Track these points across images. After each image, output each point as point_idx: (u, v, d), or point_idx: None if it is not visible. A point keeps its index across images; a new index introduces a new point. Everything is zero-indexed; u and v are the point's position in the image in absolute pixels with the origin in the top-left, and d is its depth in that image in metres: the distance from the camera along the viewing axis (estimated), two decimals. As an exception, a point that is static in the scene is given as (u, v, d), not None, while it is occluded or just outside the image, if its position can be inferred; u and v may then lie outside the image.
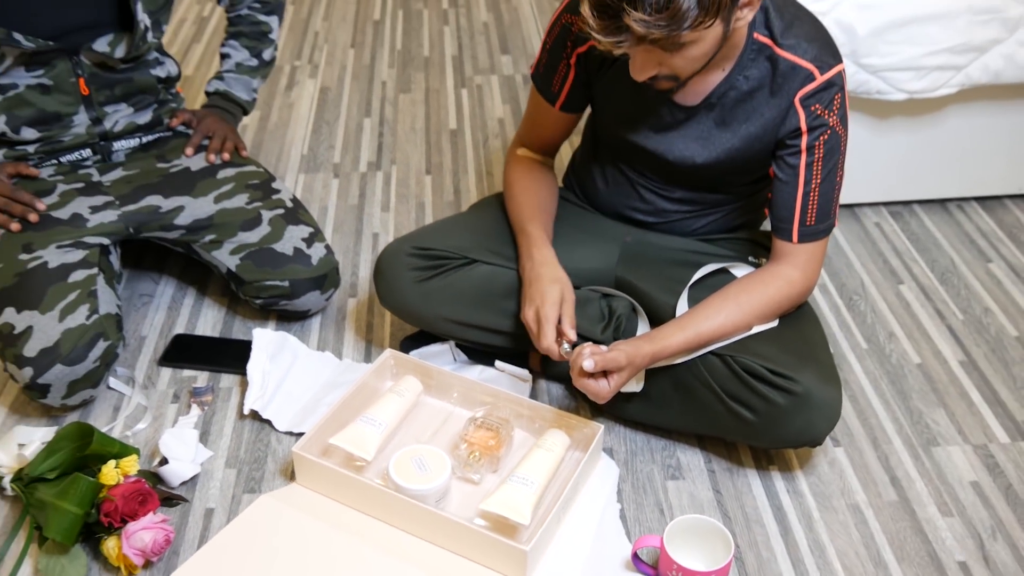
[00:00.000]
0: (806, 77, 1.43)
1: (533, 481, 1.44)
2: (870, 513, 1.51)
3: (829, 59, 1.43)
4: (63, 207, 1.71)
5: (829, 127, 1.44)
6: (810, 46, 1.43)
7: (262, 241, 1.75)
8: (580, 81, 1.59)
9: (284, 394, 1.68)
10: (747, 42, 1.43)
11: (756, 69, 1.45)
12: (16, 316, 1.57)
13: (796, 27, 1.43)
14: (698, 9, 1.23)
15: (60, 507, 1.38)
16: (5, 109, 1.68)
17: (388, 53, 2.90)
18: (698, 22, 1.24)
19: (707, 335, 1.46)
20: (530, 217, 1.62)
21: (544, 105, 1.65)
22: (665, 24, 1.23)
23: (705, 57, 1.33)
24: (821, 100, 1.43)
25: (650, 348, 1.45)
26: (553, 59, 1.59)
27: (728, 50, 1.42)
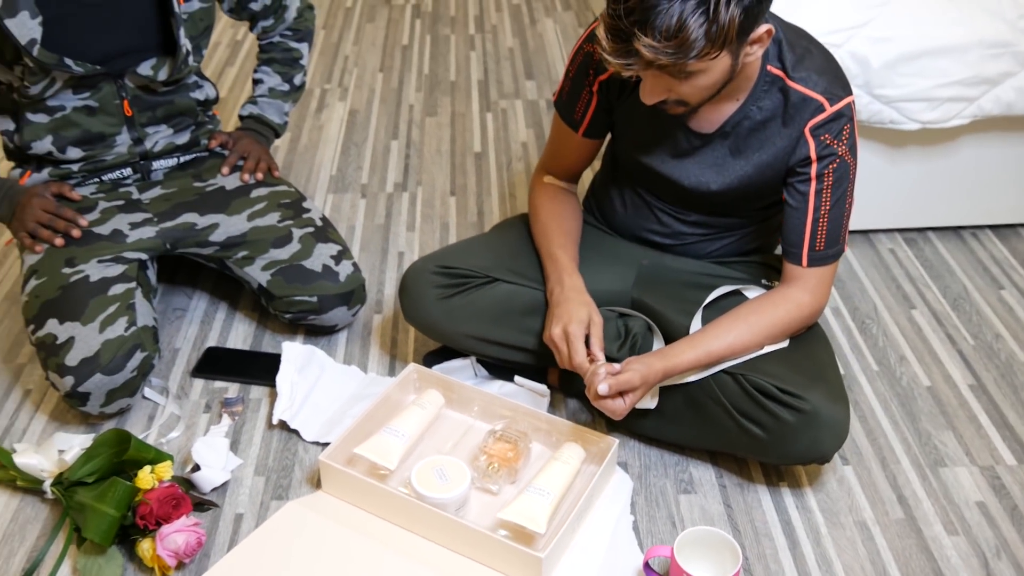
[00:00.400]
0: (816, 108, 1.49)
1: (549, 492, 1.49)
2: (877, 530, 1.55)
3: (839, 91, 1.49)
4: (104, 223, 1.79)
5: (838, 156, 1.50)
6: (820, 78, 1.48)
7: (292, 258, 1.82)
8: (602, 107, 1.65)
9: (311, 405, 1.74)
10: (760, 74, 1.49)
11: (769, 100, 1.51)
12: (59, 327, 1.64)
13: (807, 60, 1.49)
14: (705, 40, 1.29)
15: (98, 509, 1.45)
16: (52, 130, 1.76)
17: (416, 77, 2.98)
18: (704, 53, 1.30)
19: (718, 353, 1.52)
20: (560, 244, 1.68)
21: (567, 131, 1.71)
22: (672, 51, 1.29)
23: (714, 87, 1.39)
24: (831, 130, 1.49)
25: (662, 365, 1.50)
26: (576, 86, 1.65)
27: (742, 82, 1.49)
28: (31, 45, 1.61)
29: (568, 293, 1.59)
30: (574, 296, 1.58)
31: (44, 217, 1.75)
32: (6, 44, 1.63)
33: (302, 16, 2.04)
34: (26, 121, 1.75)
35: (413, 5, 3.53)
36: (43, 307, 1.67)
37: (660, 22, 1.26)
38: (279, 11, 1.99)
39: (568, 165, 1.76)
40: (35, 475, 1.55)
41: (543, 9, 3.50)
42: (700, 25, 1.27)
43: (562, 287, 1.61)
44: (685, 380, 1.57)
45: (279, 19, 2.00)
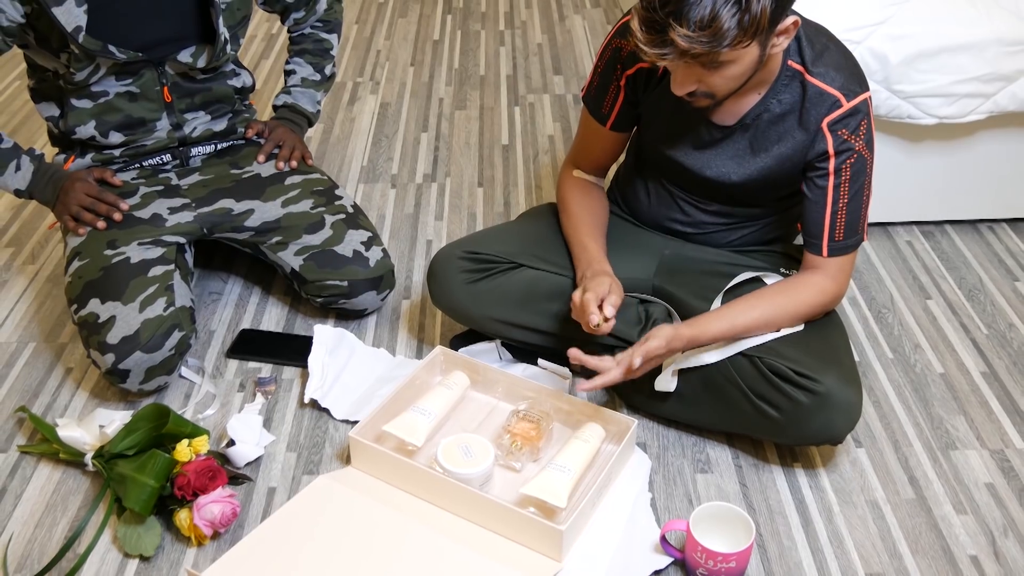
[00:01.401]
0: (833, 104, 1.53)
1: (570, 469, 1.55)
2: (888, 509, 1.60)
3: (856, 87, 1.53)
4: (144, 208, 1.86)
5: (855, 151, 1.55)
6: (838, 74, 1.53)
7: (324, 243, 1.89)
8: (628, 101, 1.70)
9: (341, 386, 1.81)
10: (781, 68, 1.54)
11: (788, 94, 1.56)
12: (101, 306, 1.71)
13: (826, 56, 1.54)
14: (738, 29, 1.34)
15: (138, 480, 1.52)
16: (96, 115, 1.84)
17: (446, 72, 3.05)
18: (737, 41, 1.35)
19: (742, 327, 1.57)
20: (589, 234, 1.73)
21: (595, 125, 1.76)
22: (707, 41, 1.34)
23: (742, 77, 1.44)
24: (848, 126, 1.54)
25: (689, 332, 1.56)
26: (604, 81, 1.70)
27: (764, 75, 1.54)
28: (77, 32, 1.68)
29: (598, 274, 1.64)
30: (601, 274, 1.64)
31: (87, 201, 1.83)
32: (52, 31, 1.70)
33: (332, 8, 2.11)
34: (70, 107, 1.83)
35: (444, 1, 3.59)
36: (86, 287, 1.74)
37: (694, 13, 1.31)
38: (311, 3, 2.05)
39: (596, 158, 1.81)
40: (77, 448, 1.62)
41: (572, 5, 3.56)
42: (732, 15, 1.32)
43: (592, 269, 1.66)
44: (704, 361, 1.62)
45: (310, 11, 2.07)
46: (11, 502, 1.59)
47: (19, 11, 1.66)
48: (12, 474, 1.64)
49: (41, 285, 2.09)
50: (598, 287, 1.59)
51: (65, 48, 1.72)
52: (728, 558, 1.41)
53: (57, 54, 1.74)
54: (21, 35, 1.72)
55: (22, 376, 1.84)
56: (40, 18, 1.68)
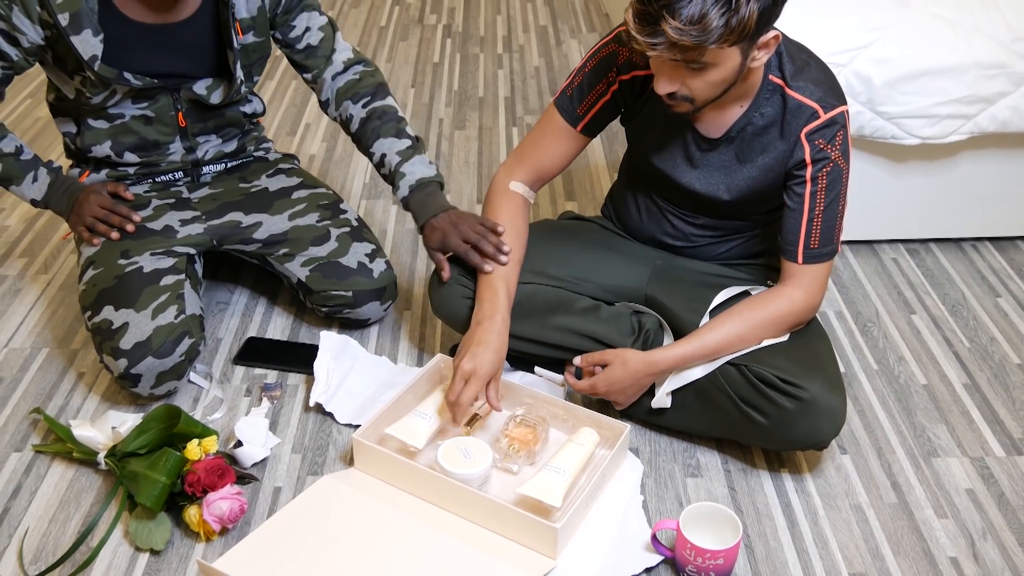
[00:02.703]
0: (811, 115, 1.61)
1: (565, 470, 1.61)
2: (871, 513, 1.66)
3: (833, 100, 1.61)
4: (156, 219, 1.93)
5: (832, 160, 1.62)
6: (816, 88, 1.61)
7: (330, 255, 1.96)
8: (610, 106, 1.76)
9: (345, 391, 1.87)
10: (763, 82, 1.62)
11: (770, 107, 1.64)
12: (114, 313, 1.78)
13: (806, 72, 1.62)
14: (724, 28, 1.41)
15: (150, 477, 1.58)
16: (111, 136, 1.91)
17: (446, 93, 3.13)
18: (723, 39, 1.42)
19: (712, 344, 1.64)
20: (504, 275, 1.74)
21: (560, 126, 1.78)
22: (695, 35, 1.41)
23: (722, 84, 1.52)
24: (824, 136, 1.61)
25: (651, 357, 1.68)
26: (589, 83, 1.75)
27: (746, 88, 1.61)
28: (92, 60, 1.75)
29: (490, 337, 1.68)
30: (495, 341, 1.68)
31: (101, 212, 1.90)
32: (69, 55, 1.77)
33: (362, 74, 1.99)
34: (87, 126, 1.90)
35: (444, 25, 3.68)
36: (100, 295, 1.81)
37: (687, 10, 1.39)
38: (329, 56, 1.97)
39: (543, 163, 1.81)
40: (91, 447, 1.68)
41: (568, 31, 3.65)
42: (721, 15, 1.40)
43: (492, 322, 1.70)
44: (693, 377, 1.69)
45: (327, 65, 1.97)
46: (26, 498, 1.65)
47: (39, 34, 1.73)
48: (27, 472, 1.70)
49: (54, 293, 2.15)
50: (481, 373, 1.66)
51: (79, 72, 1.79)
52: (716, 555, 1.47)
53: (71, 76, 1.81)
54: (39, 53, 1.79)
55: (36, 380, 1.90)
56: (58, 42, 1.75)
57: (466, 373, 1.66)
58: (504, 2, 3.94)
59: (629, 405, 1.78)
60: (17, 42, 1.73)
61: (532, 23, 3.72)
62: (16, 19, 1.70)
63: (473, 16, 3.78)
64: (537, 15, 3.80)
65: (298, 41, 1.95)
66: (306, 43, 1.95)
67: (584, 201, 2.54)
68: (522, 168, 1.82)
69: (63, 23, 1.70)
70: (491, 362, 1.67)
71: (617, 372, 1.70)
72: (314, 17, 1.95)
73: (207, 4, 1.83)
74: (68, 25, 1.71)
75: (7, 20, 1.70)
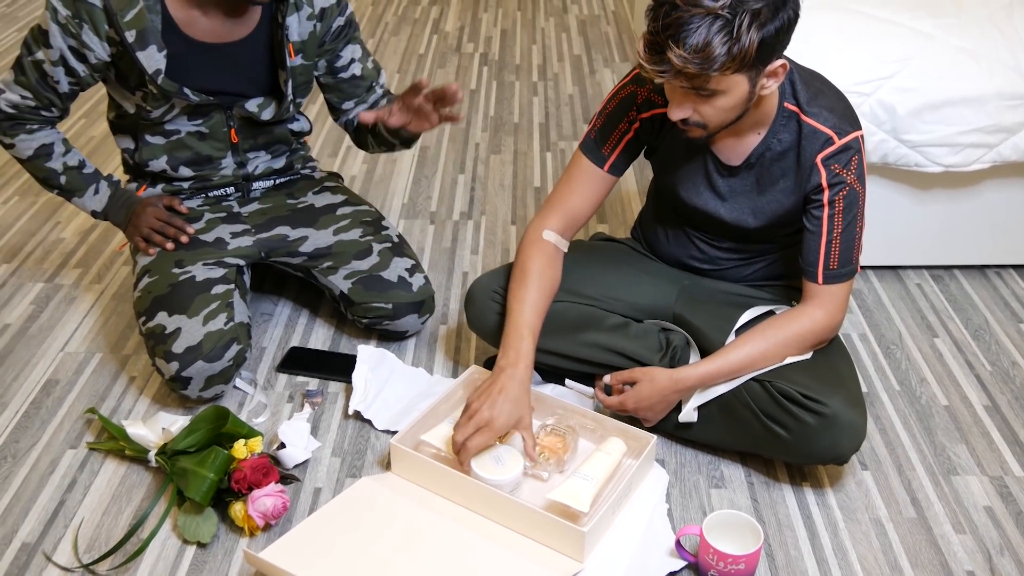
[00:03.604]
0: (826, 141, 1.68)
1: (593, 477, 1.68)
2: (890, 527, 1.71)
3: (847, 127, 1.68)
4: (208, 232, 2.03)
5: (847, 184, 1.69)
6: (830, 115, 1.68)
7: (371, 269, 2.05)
8: (633, 143, 1.84)
9: (382, 400, 1.95)
10: (779, 110, 1.70)
11: (787, 133, 1.71)
12: (168, 319, 1.87)
13: (820, 99, 1.69)
14: (727, 57, 1.49)
15: (199, 473, 1.66)
16: (167, 151, 2.01)
17: (482, 119, 3.23)
18: (725, 67, 1.49)
19: (736, 362, 1.71)
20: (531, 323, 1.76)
21: (588, 168, 1.85)
22: (699, 63, 1.49)
23: (733, 111, 1.59)
24: (840, 161, 1.68)
25: (677, 375, 1.74)
26: (612, 122, 1.83)
27: (761, 116, 1.69)
28: (156, 74, 1.86)
29: (512, 385, 1.68)
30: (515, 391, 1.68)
31: (157, 224, 2.00)
32: (132, 71, 1.88)
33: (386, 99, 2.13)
34: (144, 142, 2.00)
35: (481, 54, 3.79)
36: (154, 301, 1.90)
37: (691, 39, 1.47)
38: (369, 90, 2.09)
39: (576, 208, 1.85)
40: (143, 445, 1.77)
41: (602, 60, 3.74)
42: (724, 43, 1.47)
43: (515, 371, 1.70)
44: (718, 392, 1.75)
45: (367, 97, 2.09)
46: (81, 492, 1.74)
47: (106, 51, 1.84)
48: (82, 468, 1.79)
49: (107, 302, 2.25)
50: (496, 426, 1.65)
51: (141, 87, 1.90)
52: (738, 560, 1.53)
53: (133, 92, 1.92)
54: (104, 70, 1.90)
55: (90, 382, 2.00)
56: (123, 58, 1.86)
57: (482, 421, 1.65)
58: (539, 32, 4.05)
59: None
60: (85, 59, 1.84)
61: (567, 52, 3.82)
62: (86, 36, 1.81)
63: (509, 45, 3.89)
64: (571, 45, 3.90)
65: (343, 70, 2.05)
66: (351, 73, 2.06)
67: (615, 223, 2.62)
68: (553, 216, 1.85)
69: (130, 39, 1.80)
70: (508, 413, 1.66)
71: (645, 390, 1.77)
72: (358, 50, 2.06)
73: (262, 26, 1.93)
74: (135, 41, 1.81)
75: (77, 38, 1.81)
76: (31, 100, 1.90)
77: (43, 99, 1.90)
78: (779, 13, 1.50)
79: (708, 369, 1.73)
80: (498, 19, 4.20)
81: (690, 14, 1.47)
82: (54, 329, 2.16)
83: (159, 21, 1.83)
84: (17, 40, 3.88)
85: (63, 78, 1.87)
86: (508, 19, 4.20)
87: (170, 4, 1.84)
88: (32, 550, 1.63)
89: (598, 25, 4.14)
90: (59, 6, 1.79)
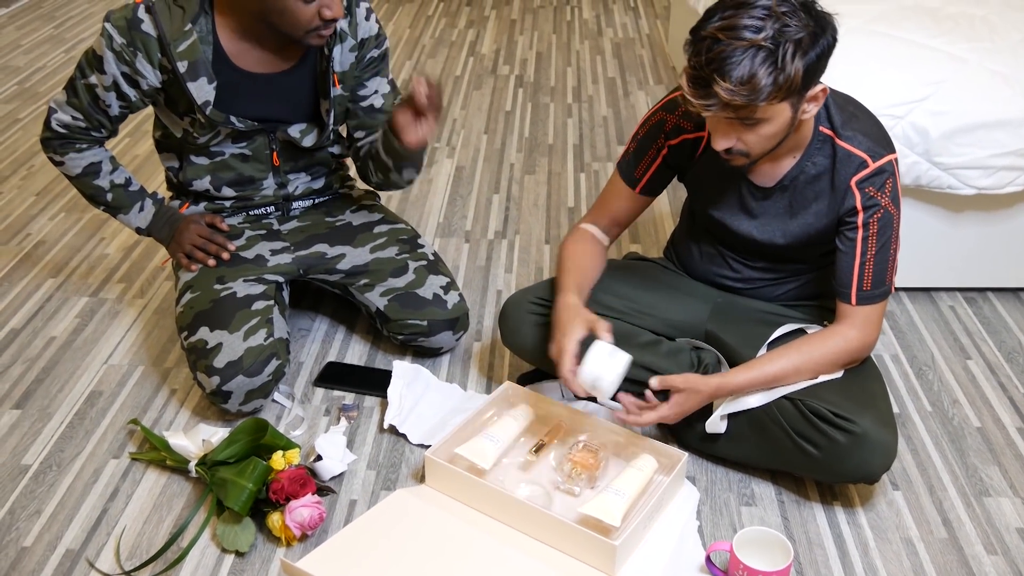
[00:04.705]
0: (860, 164, 1.70)
1: (625, 492, 1.70)
2: (921, 547, 1.71)
3: (881, 150, 1.70)
4: (249, 249, 2.08)
5: (882, 207, 1.71)
6: (865, 139, 1.70)
7: (407, 286, 2.09)
8: (663, 168, 1.89)
9: (417, 415, 1.98)
10: (814, 134, 1.72)
11: (821, 157, 1.73)
12: (209, 334, 1.92)
13: (854, 122, 1.71)
14: (773, 86, 1.52)
15: (238, 483, 1.70)
16: (211, 171, 2.07)
17: (517, 139, 3.27)
18: (772, 96, 1.53)
19: (771, 374, 1.72)
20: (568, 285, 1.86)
21: (622, 188, 1.93)
22: (746, 95, 1.52)
23: (775, 137, 1.62)
24: (874, 184, 1.70)
25: (716, 381, 1.73)
26: (642, 148, 1.89)
27: (798, 140, 1.71)
28: (205, 106, 1.91)
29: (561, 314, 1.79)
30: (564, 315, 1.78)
31: (200, 241, 2.05)
32: (181, 98, 1.94)
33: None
34: (189, 162, 2.06)
35: (516, 76, 3.84)
36: (196, 317, 1.95)
37: (735, 72, 1.50)
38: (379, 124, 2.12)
39: (613, 216, 1.97)
40: (184, 456, 1.81)
41: (636, 83, 3.78)
42: (768, 74, 1.50)
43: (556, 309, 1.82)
44: (749, 405, 1.77)
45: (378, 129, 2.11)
46: (123, 501, 1.78)
47: (158, 78, 1.90)
48: (124, 477, 1.83)
49: (149, 316, 2.31)
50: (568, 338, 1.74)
51: (189, 113, 1.95)
52: (768, 576, 1.54)
53: (181, 117, 1.97)
54: (154, 96, 1.95)
55: (132, 394, 2.05)
56: (172, 86, 1.92)
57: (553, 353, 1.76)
58: (574, 54, 4.09)
59: (683, 431, 1.87)
60: (137, 84, 1.90)
61: (601, 75, 3.86)
62: (139, 64, 1.87)
63: (544, 67, 3.93)
64: (606, 67, 3.94)
65: (363, 99, 2.08)
66: (370, 103, 2.09)
67: (648, 243, 2.65)
68: (591, 220, 1.99)
69: (181, 70, 1.86)
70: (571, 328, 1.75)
71: (690, 400, 1.75)
72: (384, 85, 2.10)
73: (308, 57, 1.98)
74: (186, 72, 1.87)
75: (130, 65, 1.87)
76: (82, 121, 1.96)
77: (93, 120, 1.96)
78: (819, 40, 1.54)
79: (746, 378, 1.74)
80: (533, 42, 4.25)
81: (732, 47, 1.50)
82: (98, 342, 2.22)
83: (210, 52, 1.88)
84: (64, 61, 3.98)
85: (114, 102, 1.93)
86: (543, 42, 4.25)
87: (222, 36, 1.90)
88: (76, 557, 1.67)
89: (632, 48, 4.18)
90: (114, 34, 1.85)
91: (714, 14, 1.54)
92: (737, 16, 1.51)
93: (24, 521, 1.74)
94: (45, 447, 1.90)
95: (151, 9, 1.84)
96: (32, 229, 2.70)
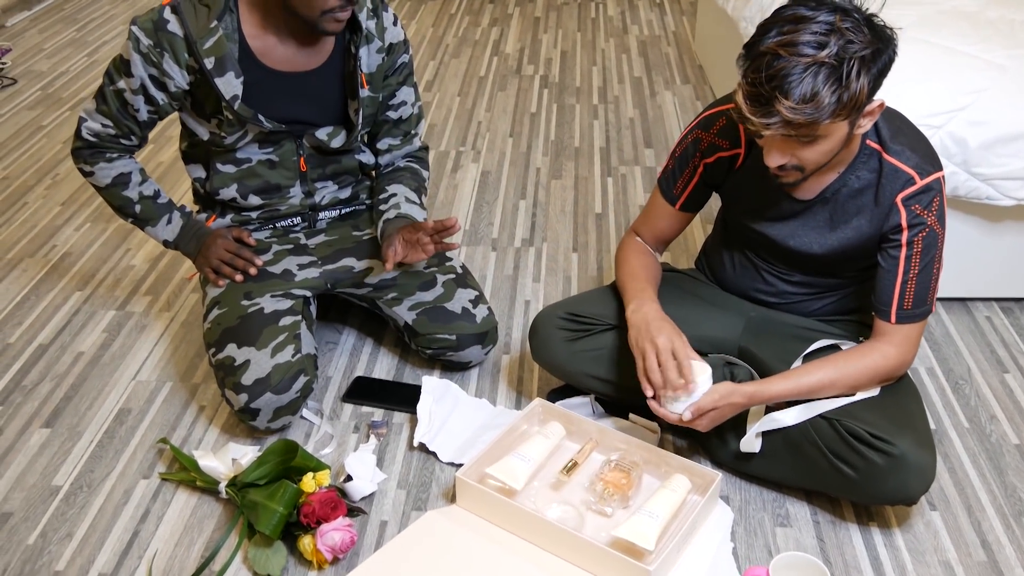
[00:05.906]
0: (907, 181, 1.67)
1: (658, 515, 1.68)
2: (960, 570, 1.68)
3: (928, 167, 1.67)
4: (276, 264, 2.07)
5: (928, 225, 1.67)
6: (913, 154, 1.67)
7: (436, 300, 2.07)
8: (700, 186, 1.87)
9: (447, 431, 1.96)
10: (860, 147, 1.68)
11: (866, 171, 1.70)
12: (237, 351, 1.91)
13: (901, 137, 1.68)
14: (837, 104, 1.48)
15: (269, 507, 1.69)
16: (238, 179, 2.05)
17: (543, 143, 3.24)
18: (836, 114, 1.49)
19: (806, 387, 1.70)
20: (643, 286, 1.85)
21: (663, 204, 1.93)
22: (810, 112, 1.48)
23: (831, 153, 1.58)
24: (921, 201, 1.67)
25: (750, 389, 1.71)
26: (679, 166, 1.87)
27: (845, 154, 1.68)
28: (233, 100, 1.90)
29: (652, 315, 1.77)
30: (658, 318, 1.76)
31: (227, 256, 2.04)
32: (209, 98, 1.92)
33: (424, 149, 2.22)
34: (216, 170, 2.05)
35: (541, 76, 3.81)
36: (224, 333, 1.94)
37: (797, 90, 1.47)
38: (408, 136, 2.16)
39: (658, 232, 1.97)
40: (214, 477, 1.80)
41: (663, 82, 3.74)
42: (832, 92, 1.47)
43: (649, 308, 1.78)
44: (784, 423, 1.74)
45: (405, 142, 2.16)
46: (154, 523, 1.77)
47: (186, 79, 1.89)
48: (155, 498, 1.83)
49: (176, 330, 2.30)
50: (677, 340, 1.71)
51: (217, 114, 1.94)
52: (805, 604, 1.52)
53: (208, 119, 1.96)
54: (182, 99, 1.94)
55: (161, 411, 2.04)
56: (200, 87, 1.91)
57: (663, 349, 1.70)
58: (600, 54, 4.05)
59: (716, 448, 1.84)
60: (165, 87, 1.89)
61: (627, 74, 3.82)
62: (166, 64, 1.86)
63: (569, 67, 3.90)
64: (632, 67, 3.90)
65: (393, 109, 2.10)
66: (400, 115, 2.11)
67: (678, 252, 2.62)
68: (640, 232, 1.99)
69: (208, 66, 1.85)
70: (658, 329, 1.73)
71: (727, 411, 1.74)
72: (412, 95, 2.11)
73: (335, 56, 1.97)
74: (213, 68, 1.86)
75: (158, 66, 1.86)
76: (112, 128, 1.96)
77: (123, 127, 1.96)
78: (881, 56, 1.51)
79: (782, 387, 1.71)
80: (558, 40, 4.22)
81: (794, 63, 1.46)
82: (125, 357, 2.21)
83: (236, 49, 1.87)
84: (87, 65, 3.98)
85: (143, 106, 1.92)
86: (568, 40, 4.22)
87: (247, 32, 1.89)
88: (107, 579, 1.67)
89: (659, 46, 4.14)
90: (141, 36, 1.84)
91: (771, 28, 1.50)
92: (797, 31, 1.47)
93: (56, 544, 1.73)
94: (75, 467, 1.90)
95: (177, 9, 1.84)
96: (58, 240, 2.69)
